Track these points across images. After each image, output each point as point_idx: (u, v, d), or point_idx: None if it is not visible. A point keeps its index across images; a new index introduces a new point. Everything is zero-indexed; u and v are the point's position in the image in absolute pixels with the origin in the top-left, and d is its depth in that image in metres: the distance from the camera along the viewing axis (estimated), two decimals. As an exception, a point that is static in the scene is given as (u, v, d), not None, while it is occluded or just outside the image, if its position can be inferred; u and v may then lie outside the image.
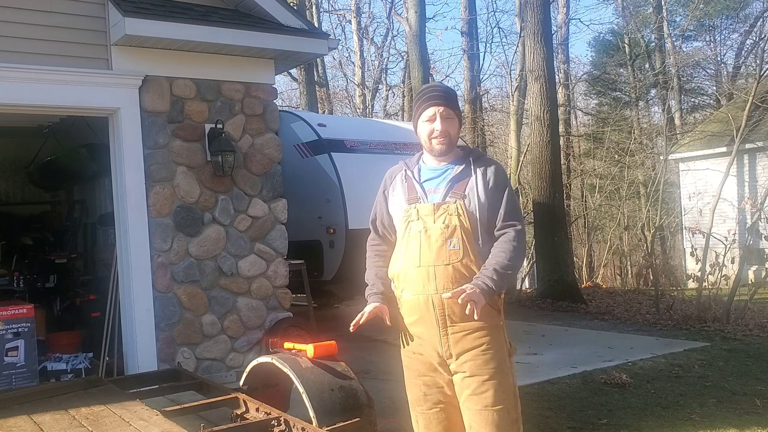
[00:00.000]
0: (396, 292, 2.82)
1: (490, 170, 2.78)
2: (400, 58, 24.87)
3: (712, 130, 16.39)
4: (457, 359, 2.70)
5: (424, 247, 2.69)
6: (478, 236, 2.71)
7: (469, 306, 2.52)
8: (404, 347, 2.85)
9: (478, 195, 2.73)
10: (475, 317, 2.53)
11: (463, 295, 2.52)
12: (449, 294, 2.58)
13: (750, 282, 11.15)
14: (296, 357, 3.41)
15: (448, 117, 2.77)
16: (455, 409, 2.76)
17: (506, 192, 2.78)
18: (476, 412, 2.67)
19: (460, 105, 3.49)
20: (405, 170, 2.89)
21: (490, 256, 2.69)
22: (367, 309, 2.80)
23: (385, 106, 26.01)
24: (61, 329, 6.86)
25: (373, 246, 3.01)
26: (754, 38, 21.30)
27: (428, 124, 2.78)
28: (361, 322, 2.77)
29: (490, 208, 2.73)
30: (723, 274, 9.27)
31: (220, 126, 5.70)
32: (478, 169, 2.78)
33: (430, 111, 2.77)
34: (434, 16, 34.25)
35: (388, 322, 2.78)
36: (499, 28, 38.44)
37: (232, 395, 3.59)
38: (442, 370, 2.75)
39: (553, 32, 15.19)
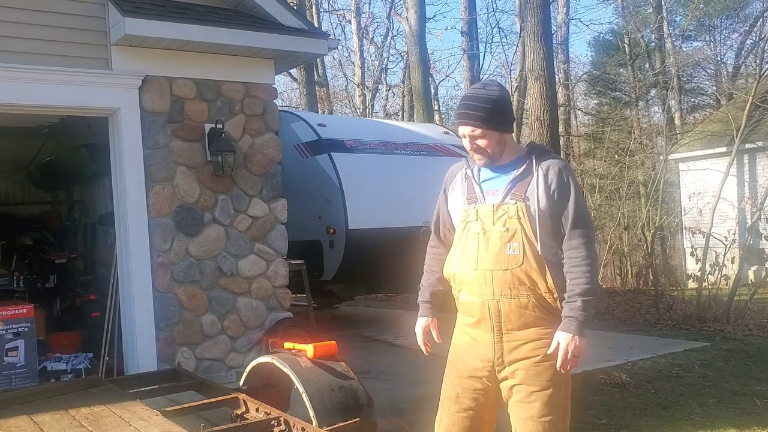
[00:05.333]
0: (453, 291, 2.76)
1: (553, 170, 2.60)
2: (400, 58, 24.94)
3: (712, 130, 16.38)
4: (508, 366, 2.59)
5: (482, 249, 2.58)
6: (540, 241, 2.54)
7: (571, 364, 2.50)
8: (454, 344, 2.77)
9: (538, 197, 2.56)
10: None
11: (560, 359, 2.48)
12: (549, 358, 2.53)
13: (750, 282, 11.13)
14: (296, 357, 3.41)
15: (477, 136, 2.61)
16: (482, 420, 2.70)
17: (572, 194, 2.58)
18: (522, 420, 2.59)
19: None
20: (465, 169, 2.76)
21: (568, 280, 2.54)
22: (418, 330, 2.85)
23: (385, 106, 26.06)
24: (61, 329, 6.86)
25: (431, 248, 2.92)
26: (754, 38, 21.32)
27: (464, 141, 2.68)
28: (420, 342, 2.84)
29: (552, 212, 2.57)
30: (723, 274, 9.26)
31: (220, 126, 5.70)
32: (540, 169, 2.61)
33: (460, 130, 2.67)
34: (434, 16, 34.28)
35: (437, 339, 2.82)
36: (499, 28, 38.43)
37: (232, 395, 3.59)
38: (486, 377, 2.64)
39: (553, 32, 15.19)
